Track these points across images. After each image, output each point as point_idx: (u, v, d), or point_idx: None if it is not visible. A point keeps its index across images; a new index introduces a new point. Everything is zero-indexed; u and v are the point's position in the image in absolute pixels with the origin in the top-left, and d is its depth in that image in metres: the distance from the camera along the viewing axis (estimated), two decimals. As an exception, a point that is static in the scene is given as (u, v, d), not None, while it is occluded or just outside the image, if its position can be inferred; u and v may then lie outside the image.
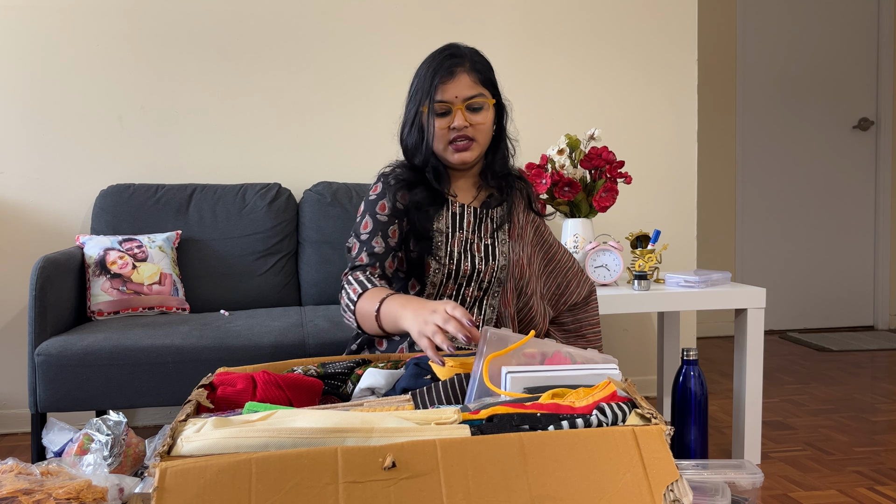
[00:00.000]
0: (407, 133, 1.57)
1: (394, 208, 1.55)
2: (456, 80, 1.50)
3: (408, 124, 1.56)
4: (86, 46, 2.71)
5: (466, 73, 1.51)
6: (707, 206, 4.08)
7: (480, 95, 1.52)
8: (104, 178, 2.71)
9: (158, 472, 0.75)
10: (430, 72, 1.51)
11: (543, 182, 2.31)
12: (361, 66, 2.86)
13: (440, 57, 1.52)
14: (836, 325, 4.36)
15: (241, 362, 1.98)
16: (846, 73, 4.24)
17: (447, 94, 1.50)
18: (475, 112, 1.52)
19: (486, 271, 1.57)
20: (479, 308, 1.60)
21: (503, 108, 1.60)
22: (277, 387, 1.07)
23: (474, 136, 1.53)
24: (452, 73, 1.50)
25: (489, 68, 1.57)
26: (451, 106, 1.51)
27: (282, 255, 2.61)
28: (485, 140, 1.56)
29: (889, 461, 2.25)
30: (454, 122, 1.51)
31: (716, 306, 2.20)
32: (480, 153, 1.57)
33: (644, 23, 3.04)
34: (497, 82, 1.58)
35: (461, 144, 1.53)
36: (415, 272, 1.56)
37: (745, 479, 1.70)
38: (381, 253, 1.52)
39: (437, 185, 1.56)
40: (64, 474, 1.25)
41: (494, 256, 1.58)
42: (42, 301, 2.10)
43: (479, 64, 1.54)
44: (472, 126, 1.52)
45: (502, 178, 1.63)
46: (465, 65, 1.52)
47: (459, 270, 1.55)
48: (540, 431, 0.86)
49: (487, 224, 1.61)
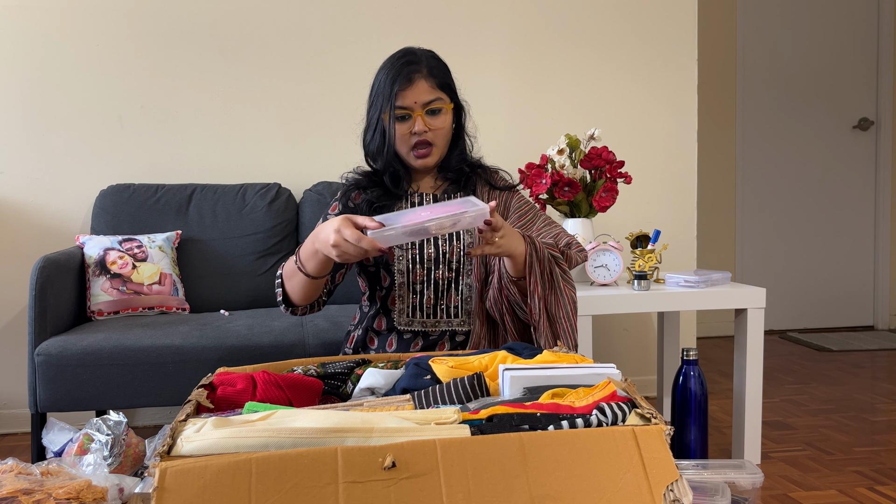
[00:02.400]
0: (370, 138, 1.62)
1: (344, 208, 1.64)
2: (414, 86, 1.55)
3: (370, 129, 1.62)
4: (86, 46, 2.71)
5: (424, 79, 1.57)
6: (707, 206, 4.08)
7: (438, 100, 1.58)
8: (104, 178, 2.71)
9: (158, 472, 0.75)
10: (388, 79, 1.56)
11: (543, 182, 2.31)
12: (362, 65, 2.85)
13: (398, 63, 1.57)
14: (836, 325, 4.36)
15: (241, 362, 1.98)
16: (846, 73, 4.24)
17: (406, 101, 1.55)
18: (434, 116, 1.58)
19: (451, 252, 1.60)
20: (456, 288, 1.61)
21: (461, 109, 1.66)
22: (277, 387, 1.07)
23: (433, 141, 1.59)
24: (411, 79, 1.55)
25: (446, 72, 1.62)
26: (411, 112, 1.56)
27: (282, 255, 2.61)
28: (444, 143, 1.63)
29: (889, 461, 2.25)
30: (414, 128, 1.57)
31: (716, 306, 2.21)
32: (441, 156, 1.64)
33: (644, 23, 3.04)
34: (454, 84, 1.64)
35: (422, 151, 1.59)
36: (380, 262, 1.62)
37: (745, 479, 1.70)
38: None
39: (394, 188, 1.63)
40: (64, 474, 1.25)
41: (459, 237, 1.61)
42: (42, 301, 2.10)
43: (436, 69, 1.59)
44: (432, 130, 1.58)
45: (458, 170, 1.68)
46: (423, 70, 1.57)
47: (423, 255, 1.59)
48: (540, 431, 0.86)
49: None
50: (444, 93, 1.59)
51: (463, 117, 1.67)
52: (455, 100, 1.63)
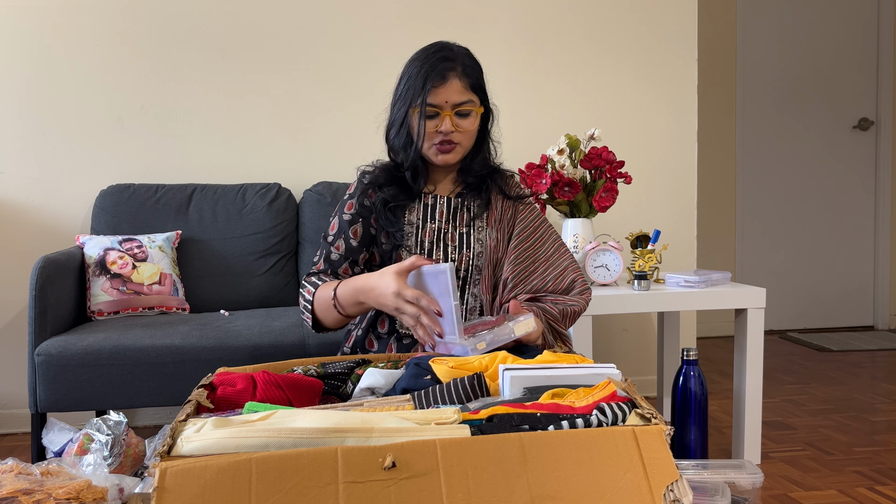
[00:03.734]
0: (395, 134, 1.59)
1: (360, 206, 1.60)
2: (447, 84, 1.51)
3: (396, 125, 1.58)
4: (86, 46, 2.71)
5: (458, 79, 1.52)
6: (707, 206, 4.08)
7: (470, 102, 1.54)
8: (104, 178, 2.71)
9: (158, 472, 0.75)
10: (421, 74, 1.52)
11: (543, 182, 2.31)
12: (362, 65, 2.86)
13: (433, 59, 1.52)
14: (836, 325, 4.36)
15: (241, 362, 1.98)
16: (846, 73, 4.24)
17: (438, 99, 1.51)
18: (463, 118, 1.55)
19: (460, 260, 1.58)
20: (462, 297, 1.60)
21: (490, 113, 1.63)
22: (277, 387, 1.07)
23: (459, 141, 1.56)
24: (444, 77, 1.51)
25: (480, 72, 1.58)
26: (440, 111, 1.53)
27: (282, 255, 2.61)
28: (468, 143, 1.59)
29: (889, 461, 2.25)
30: (442, 126, 1.53)
31: (716, 306, 2.21)
32: (462, 155, 1.60)
33: (644, 23, 3.04)
34: (486, 86, 1.60)
35: (445, 147, 1.55)
36: (388, 264, 1.58)
37: (745, 479, 1.70)
38: (338, 259, 1.58)
39: (413, 183, 1.59)
40: (64, 474, 1.25)
41: (469, 245, 1.59)
42: (42, 301, 2.10)
43: (470, 68, 1.56)
44: (458, 131, 1.55)
45: (479, 175, 1.65)
46: (458, 69, 1.53)
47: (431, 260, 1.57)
48: (540, 431, 0.86)
49: (463, 213, 1.62)
50: (476, 95, 1.56)
51: (490, 121, 1.63)
52: (485, 103, 1.60)
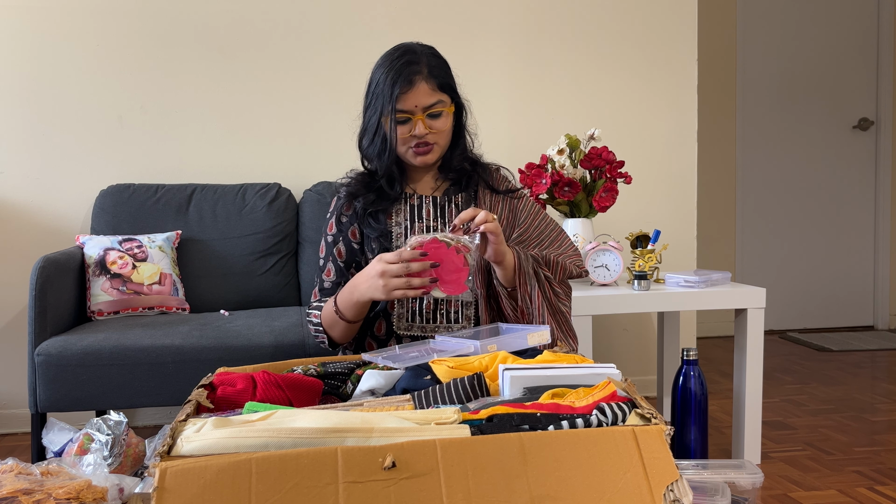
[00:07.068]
0: (368, 143, 1.60)
1: (338, 224, 1.63)
2: (415, 89, 1.51)
3: (369, 132, 1.59)
4: (86, 46, 2.71)
5: (425, 81, 1.52)
6: (707, 206, 4.08)
7: (440, 103, 1.55)
8: (104, 178, 2.70)
9: (158, 472, 0.75)
10: (388, 81, 1.52)
11: (543, 182, 2.31)
12: (362, 65, 2.84)
13: (398, 64, 1.52)
14: (836, 325, 4.36)
15: (241, 362, 1.97)
16: (846, 73, 4.24)
17: (407, 104, 1.52)
18: (435, 118, 1.55)
19: None
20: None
21: (462, 108, 1.63)
22: (277, 387, 1.07)
23: (435, 141, 1.57)
24: (411, 82, 1.51)
25: (447, 71, 1.58)
26: (412, 115, 1.53)
27: (282, 255, 2.61)
28: (445, 142, 1.60)
29: (889, 461, 2.25)
30: (415, 130, 1.53)
31: (716, 306, 2.21)
32: (441, 154, 1.61)
33: (644, 23, 3.04)
34: (454, 82, 1.60)
35: (422, 149, 1.56)
36: None
37: (745, 479, 1.70)
38: (330, 287, 1.61)
39: (390, 189, 1.60)
40: (64, 474, 1.25)
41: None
42: (42, 301, 2.10)
43: (437, 68, 1.56)
44: (432, 132, 1.55)
45: (460, 170, 1.65)
46: (423, 71, 1.53)
47: None
48: (540, 431, 0.86)
49: (452, 211, 1.63)
50: (445, 94, 1.56)
51: (464, 115, 1.64)
52: (456, 99, 1.60)
